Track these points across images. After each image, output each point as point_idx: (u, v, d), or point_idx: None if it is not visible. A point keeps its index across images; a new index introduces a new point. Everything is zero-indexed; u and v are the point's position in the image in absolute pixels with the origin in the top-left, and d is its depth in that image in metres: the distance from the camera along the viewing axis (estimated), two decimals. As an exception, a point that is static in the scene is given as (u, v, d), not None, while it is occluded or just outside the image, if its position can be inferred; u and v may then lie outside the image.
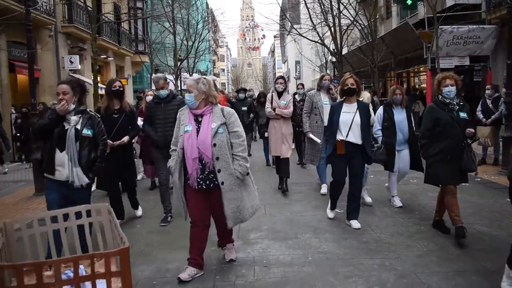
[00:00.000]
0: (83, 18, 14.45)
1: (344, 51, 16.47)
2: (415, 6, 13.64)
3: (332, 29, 14.92)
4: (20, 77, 12.13)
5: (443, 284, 3.21)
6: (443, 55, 11.57)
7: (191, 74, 19.88)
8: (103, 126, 3.77)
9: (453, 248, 3.95)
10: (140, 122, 5.54)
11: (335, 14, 14.88)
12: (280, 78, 6.52)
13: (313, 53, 28.28)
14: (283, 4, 20.31)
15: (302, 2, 16.96)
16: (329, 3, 14.86)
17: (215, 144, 3.27)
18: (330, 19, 15.10)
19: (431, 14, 11.14)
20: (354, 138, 4.52)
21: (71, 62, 13.93)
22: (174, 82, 18.91)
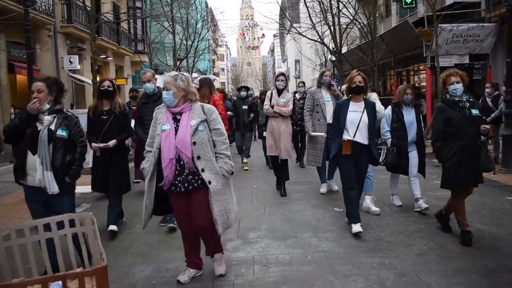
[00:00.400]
0: (82, 18, 14.46)
1: (344, 50, 16.46)
2: (414, 4, 13.65)
3: (332, 28, 14.92)
4: (19, 77, 12.09)
5: (443, 282, 3.21)
6: (442, 53, 11.56)
7: (190, 73, 19.86)
8: (81, 127, 3.51)
9: (452, 246, 3.94)
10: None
11: (334, 13, 14.88)
12: (281, 75, 6.34)
13: (312, 52, 28.26)
14: (283, 3, 20.28)
15: (302, 1, 16.95)
16: (328, 1, 14.84)
17: (195, 143, 3.05)
18: (330, 18, 15.10)
19: (430, 13, 11.13)
20: (361, 138, 4.31)
21: (71, 62, 13.93)
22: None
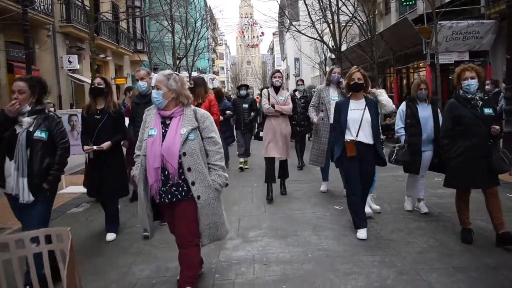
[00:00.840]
0: (81, 18, 14.43)
1: (343, 47, 16.44)
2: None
3: (331, 25, 14.90)
4: (18, 77, 12.08)
5: (443, 280, 3.20)
6: (442, 50, 11.55)
7: (190, 72, 19.83)
8: (63, 128, 3.29)
9: (453, 244, 3.94)
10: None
11: (333, 10, 14.85)
12: (277, 72, 6.07)
13: (312, 50, 28.22)
14: (282, 1, 20.19)
15: (301, -1, 16.92)
16: (327, -1, 14.83)
17: (185, 153, 2.77)
18: (329, 15, 15.08)
19: (430, 10, 11.11)
20: (365, 138, 4.11)
21: (70, 62, 13.94)
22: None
